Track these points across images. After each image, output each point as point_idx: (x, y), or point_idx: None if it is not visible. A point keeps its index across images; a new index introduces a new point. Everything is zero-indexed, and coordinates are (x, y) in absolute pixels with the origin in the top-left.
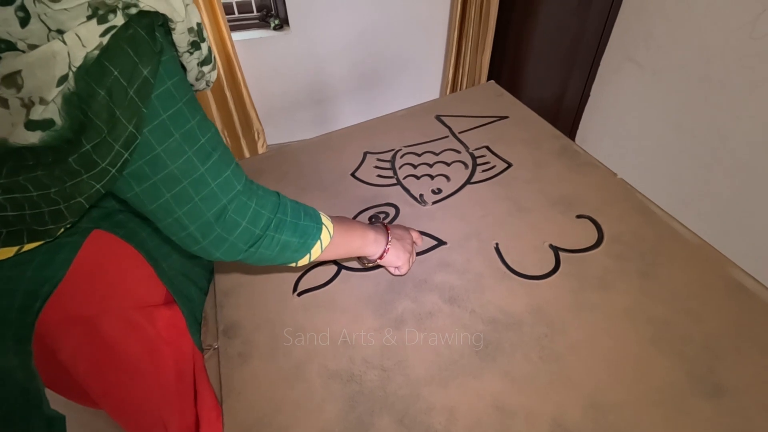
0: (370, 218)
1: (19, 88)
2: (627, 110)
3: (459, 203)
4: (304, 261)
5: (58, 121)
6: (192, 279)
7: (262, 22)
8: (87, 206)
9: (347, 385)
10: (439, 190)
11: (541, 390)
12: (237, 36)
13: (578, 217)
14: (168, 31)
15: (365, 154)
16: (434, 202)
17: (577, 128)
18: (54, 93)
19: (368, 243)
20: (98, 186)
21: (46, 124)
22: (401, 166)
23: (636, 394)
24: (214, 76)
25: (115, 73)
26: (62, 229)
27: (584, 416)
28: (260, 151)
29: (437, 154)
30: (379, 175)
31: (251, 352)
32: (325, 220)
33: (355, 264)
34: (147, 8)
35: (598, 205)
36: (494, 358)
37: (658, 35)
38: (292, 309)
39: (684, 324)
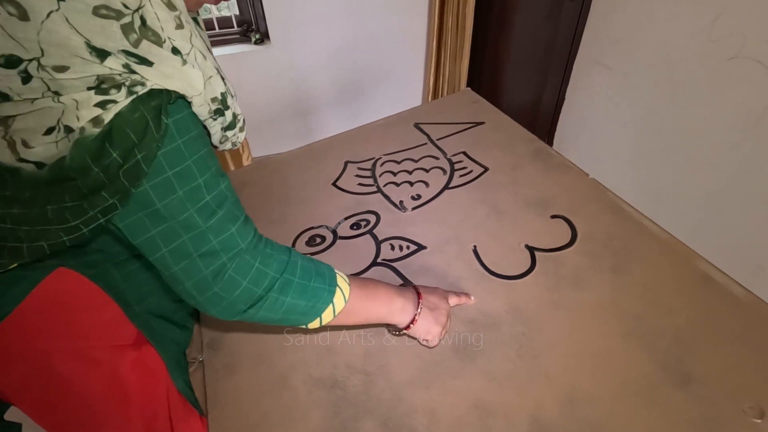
0: (351, 226)
1: (7, 128)
2: (600, 112)
3: (438, 208)
4: (314, 324)
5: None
6: (175, 322)
7: (243, 37)
8: (48, 252)
9: (331, 392)
10: (419, 196)
11: (519, 387)
12: (218, 51)
13: (553, 217)
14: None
15: (346, 163)
16: (414, 208)
17: (554, 131)
18: (39, 140)
19: (394, 311)
20: (65, 238)
21: (36, 164)
22: (381, 174)
23: (611, 387)
24: (241, 137)
25: (114, 155)
26: (15, 264)
27: (562, 411)
28: (245, 163)
29: (416, 161)
30: (360, 184)
31: (236, 363)
32: (342, 282)
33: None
34: (156, 87)
35: (572, 205)
36: (474, 358)
37: (624, 40)
38: None
39: (655, 317)
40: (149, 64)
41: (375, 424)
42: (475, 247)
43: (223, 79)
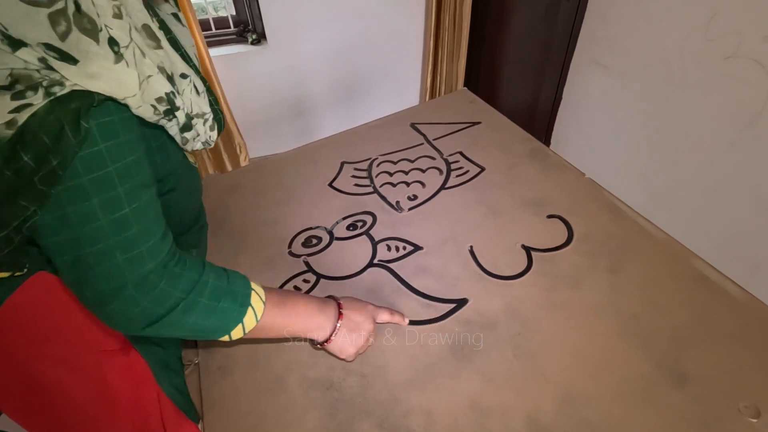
0: (348, 227)
1: None
2: (597, 111)
3: (434, 209)
4: (224, 339)
5: None
6: None
7: (240, 38)
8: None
9: (327, 393)
10: (415, 197)
11: (516, 388)
12: (214, 52)
13: (549, 217)
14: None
15: (342, 163)
16: (410, 209)
17: (551, 130)
18: None
19: (311, 329)
20: (6, 250)
21: None
22: (378, 175)
23: (607, 386)
24: (213, 136)
25: (26, 158)
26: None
27: (558, 411)
28: (242, 164)
29: (412, 161)
30: (356, 184)
31: (232, 365)
32: (256, 301)
33: (333, 273)
34: (77, 88)
35: (568, 204)
36: (470, 358)
37: (620, 39)
38: None
39: (651, 316)
40: (73, 61)
41: (371, 425)
42: (471, 247)
43: (171, 78)
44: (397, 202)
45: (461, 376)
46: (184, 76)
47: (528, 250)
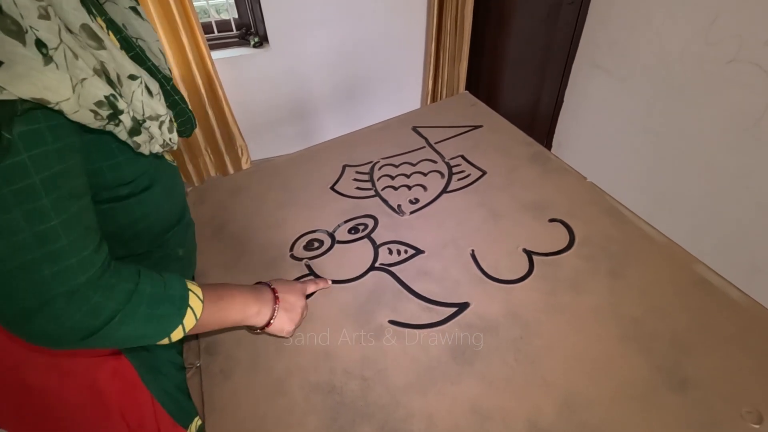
0: (349, 230)
1: None
2: (598, 114)
3: (436, 212)
4: (162, 342)
5: None
6: None
7: (242, 41)
8: None
9: (329, 397)
10: (417, 200)
11: (517, 392)
12: (217, 54)
13: (550, 221)
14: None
15: (344, 167)
16: (412, 212)
17: (553, 133)
18: None
19: (249, 317)
20: None
21: None
22: (379, 178)
23: (607, 391)
24: (174, 138)
25: None
26: None
27: (559, 415)
28: (244, 166)
29: (414, 165)
30: (357, 188)
31: (233, 368)
32: (194, 301)
33: (334, 276)
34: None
35: (570, 208)
36: (471, 362)
37: (621, 43)
38: None
39: (652, 321)
40: None
41: (373, 429)
42: (473, 251)
43: (112, 80)
44: (399, 206)
45: (462, 380)
46: (133, 77)
47: (529, 254)
